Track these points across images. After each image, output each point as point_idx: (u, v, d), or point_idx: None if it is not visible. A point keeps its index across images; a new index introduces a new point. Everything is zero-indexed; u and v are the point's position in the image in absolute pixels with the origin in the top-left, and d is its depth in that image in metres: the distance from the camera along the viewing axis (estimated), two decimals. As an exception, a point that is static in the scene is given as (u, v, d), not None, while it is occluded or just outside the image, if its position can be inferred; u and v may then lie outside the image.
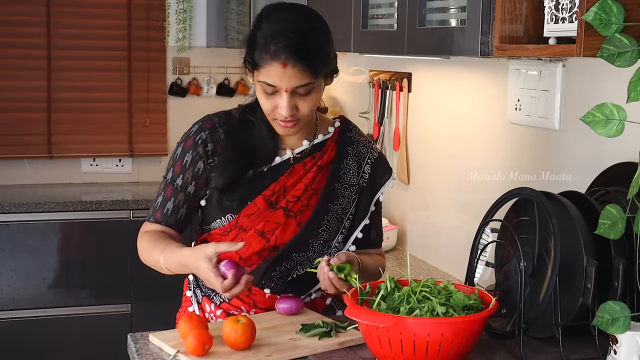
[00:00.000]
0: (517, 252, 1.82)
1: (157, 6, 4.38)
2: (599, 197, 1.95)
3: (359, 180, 2.11)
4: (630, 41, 1.58)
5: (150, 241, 2.03)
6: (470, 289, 1.79)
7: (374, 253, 2.17)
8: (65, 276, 3.89)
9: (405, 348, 1.61)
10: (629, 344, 1.65)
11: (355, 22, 2.70)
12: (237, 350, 1.77)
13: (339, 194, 2.08)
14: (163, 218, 2.06)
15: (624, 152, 1.99)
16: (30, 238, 3.82)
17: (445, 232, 2.95)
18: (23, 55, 4.21)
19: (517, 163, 2.51)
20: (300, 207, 2.04)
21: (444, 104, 2.95)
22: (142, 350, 1.83)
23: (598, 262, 1.75)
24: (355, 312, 1.66)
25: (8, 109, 4.20)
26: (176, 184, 2.05)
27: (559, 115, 2.31)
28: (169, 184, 2.06)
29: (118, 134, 4.39)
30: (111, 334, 3.84)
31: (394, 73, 3.25)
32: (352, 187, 2.10)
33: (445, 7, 2.23)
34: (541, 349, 1.82)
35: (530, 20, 1.93)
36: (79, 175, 4.40)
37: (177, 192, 2.05)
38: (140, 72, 4.39)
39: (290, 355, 1.77)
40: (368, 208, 2.12)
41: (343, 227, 2.09)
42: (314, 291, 2.10)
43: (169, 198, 2.06)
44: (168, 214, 2.05)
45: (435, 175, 3.01)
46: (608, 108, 1.61)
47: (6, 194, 3.98)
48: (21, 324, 3.83)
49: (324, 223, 2.06)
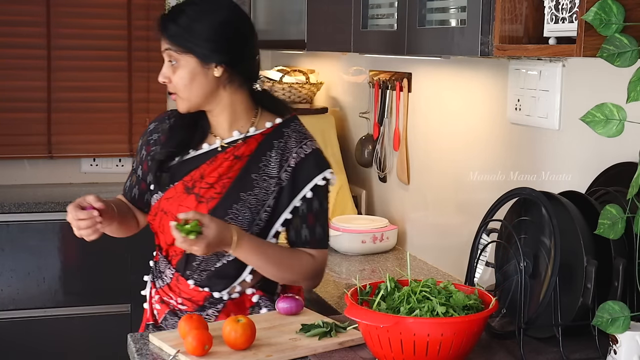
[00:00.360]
0: (517, 252, 1.82)
1: (157, 6, 4.38)
2: (599, 197, 1.95)
3: (281, 173, 2.10)
4: (630, 41, 1.58)
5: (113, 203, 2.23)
6: (470, 289, 1.79)
7: (307, 252, 2.12)
8: (65, 276, 3.89)
9: (405, 348, 1.61)
10: (629, 344, 1.66)
11: (355, 22, 2.70)
12: (237, 350, 1.77)
13: (255, 184, 2.09)
14: (124, 193, 2.31)
15: (624, 152, 1.99)
16: (30, 238, 3.82)
17: (445, 232, 2.95)
18: (23, 55, 4.21)
19: (517, 163, 2.51)
20: (213, 194, 2.09)
21: (444, 104, 2.95)
22: (142, 350, 1.84)
23: (598, 262, 1.75)
24: (355, 312, 1.67)
25: (8, 109, 4.20)
26: (133, 165, 2.29)
27: (559, 115, 2.31)
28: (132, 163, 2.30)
29: (118, 134, 4.39)
30: (111, 334, 3.84)
31: (394, 73, 3.25)
32: (271, 180, 2.10)
33: (445, 7, 2.23)
34: (541, 349, 1.82)
35: (530, 20, 1.93)
36: (79, 175, 4.40)
37: (133, 173, 2.28)
38: (140, 72, 4.39)
39: (290, 355, 1.77)
40: (288, 202, 2.10)
41: (259, 219, 2.08)
42: (237, 284, 2.10)
43: (130, 176, 2.30)
44: (126, 190, 2.30)
45: (435, 175, 3.01)
46: (608, 108, 1.61)
47: (6, 194, 3.98)
48: (21, 324, 3.83)
49: (232, 211, 2.06)
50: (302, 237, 2.13)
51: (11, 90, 4.20)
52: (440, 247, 2.99)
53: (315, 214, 2.13)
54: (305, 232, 2.12)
